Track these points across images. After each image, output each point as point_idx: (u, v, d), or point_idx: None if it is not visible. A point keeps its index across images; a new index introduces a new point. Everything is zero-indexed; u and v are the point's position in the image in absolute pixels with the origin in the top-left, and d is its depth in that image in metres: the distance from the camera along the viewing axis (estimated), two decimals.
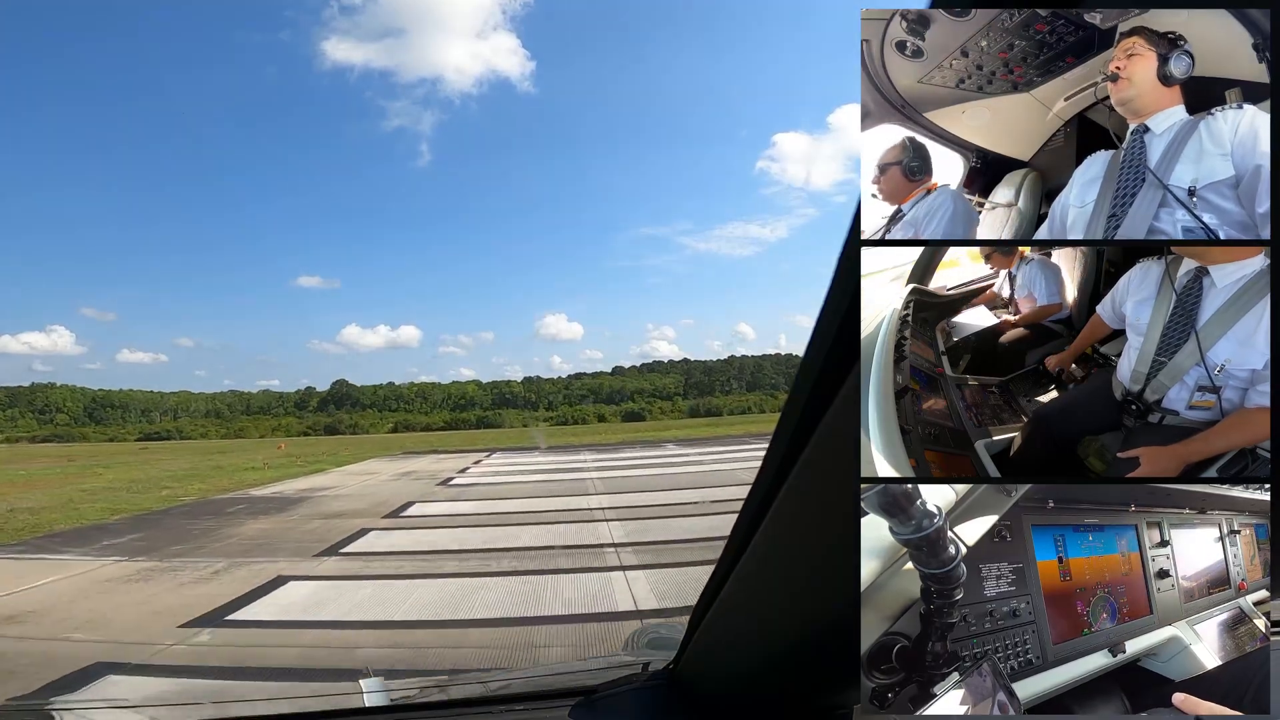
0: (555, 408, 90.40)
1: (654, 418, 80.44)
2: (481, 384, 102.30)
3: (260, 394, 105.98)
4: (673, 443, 29.99)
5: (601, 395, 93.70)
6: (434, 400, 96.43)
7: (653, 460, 21.17)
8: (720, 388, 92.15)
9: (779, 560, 0.78)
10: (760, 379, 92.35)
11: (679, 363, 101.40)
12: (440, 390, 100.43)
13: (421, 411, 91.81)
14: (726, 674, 1.04)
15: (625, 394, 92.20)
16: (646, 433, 44.16)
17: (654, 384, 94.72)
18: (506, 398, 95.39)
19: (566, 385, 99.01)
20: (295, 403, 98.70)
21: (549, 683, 1.48)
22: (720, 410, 79.61)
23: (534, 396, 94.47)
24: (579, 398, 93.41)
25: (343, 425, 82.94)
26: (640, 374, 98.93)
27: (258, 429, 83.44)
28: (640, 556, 7.83)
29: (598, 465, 20.34)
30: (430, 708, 1.41)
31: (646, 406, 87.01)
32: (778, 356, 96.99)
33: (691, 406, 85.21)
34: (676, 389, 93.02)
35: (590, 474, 17.88)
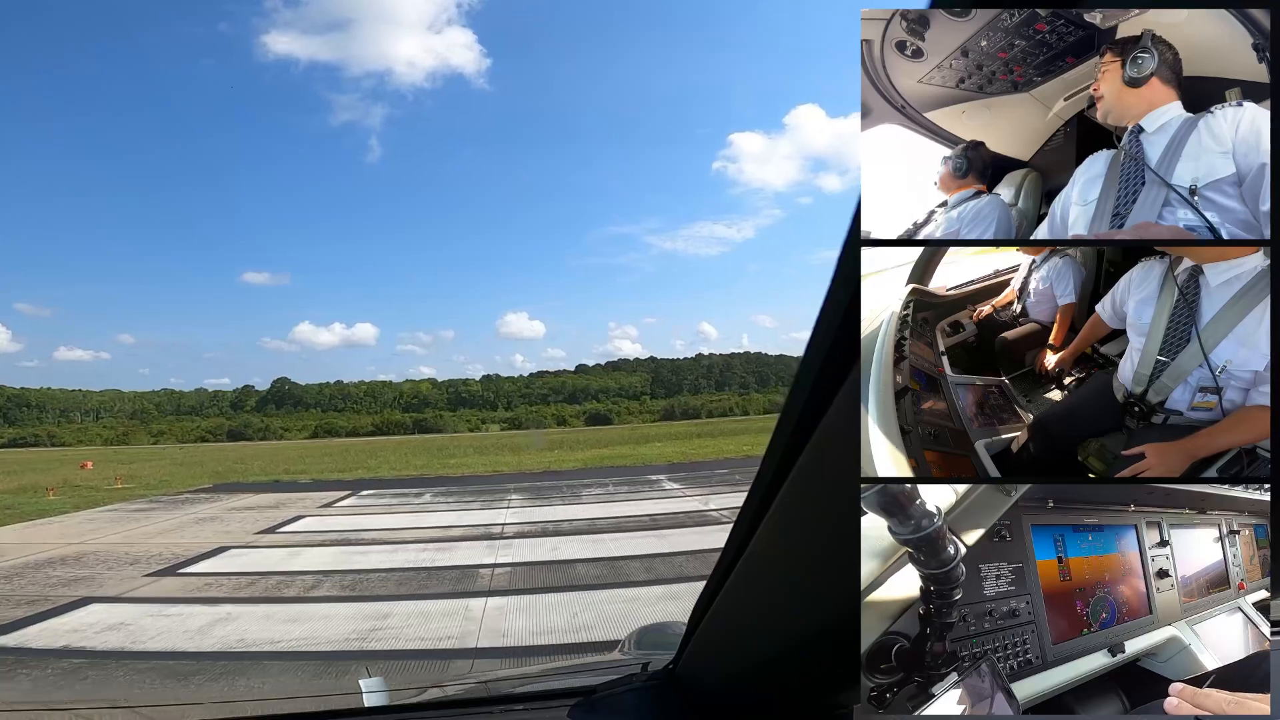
0: (515, 407, 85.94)
1: (622, 419, 74.01)
2: (437, 383, 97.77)
3: (193, 393, 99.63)
4: (666, 473, 19.10)
5: (565, 394, 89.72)
6: (384, 400, 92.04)
7: (649, 544, 9.65)
8: (689, 386, 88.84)
9: (779, 560, 0.78)
10: (729, 377, 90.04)
11: (645, 361, 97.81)
12: (392, 389, 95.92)
13: (371, 412, 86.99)
14: (726, 674, 1.04)
15: (590, 392, 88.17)
16: (619, 447, 31.37)
17: (620, 382, 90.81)
18: (464, 397, 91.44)
19: (528, 384, 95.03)
20: (231, 402, 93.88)
21: (549, 683, 1.48)
22: (698, 411, 74.43)
23: (493, 396, 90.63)
24: (541, 397, 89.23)
25: (250, 430, 76.88)
26: (605, 372, 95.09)
27: (175, 432, 77.49)
28: None
29: (524, 555, 9.53)
30: (430, 708, 1.41)
31: (613, 406, 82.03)
32: (746, 355, 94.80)
33: (665, 408, 78.80)
34: (643, 387, 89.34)
35: (500, 604, 7.18)
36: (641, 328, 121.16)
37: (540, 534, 11.02)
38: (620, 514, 12.54)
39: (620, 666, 1.35)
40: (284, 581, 8.53)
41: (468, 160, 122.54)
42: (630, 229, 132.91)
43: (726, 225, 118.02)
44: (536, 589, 7.60)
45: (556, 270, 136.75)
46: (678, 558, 8.78)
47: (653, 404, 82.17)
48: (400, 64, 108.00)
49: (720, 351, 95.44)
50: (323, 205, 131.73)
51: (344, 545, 10.84)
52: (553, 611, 6.85)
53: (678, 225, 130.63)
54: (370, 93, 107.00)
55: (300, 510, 15.43)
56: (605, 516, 12.41)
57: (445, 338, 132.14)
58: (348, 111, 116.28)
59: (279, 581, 8.55)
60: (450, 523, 12.61)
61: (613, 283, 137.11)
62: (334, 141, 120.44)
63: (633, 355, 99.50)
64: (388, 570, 8.93)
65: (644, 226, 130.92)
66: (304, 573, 8.94)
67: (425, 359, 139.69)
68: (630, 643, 1.88)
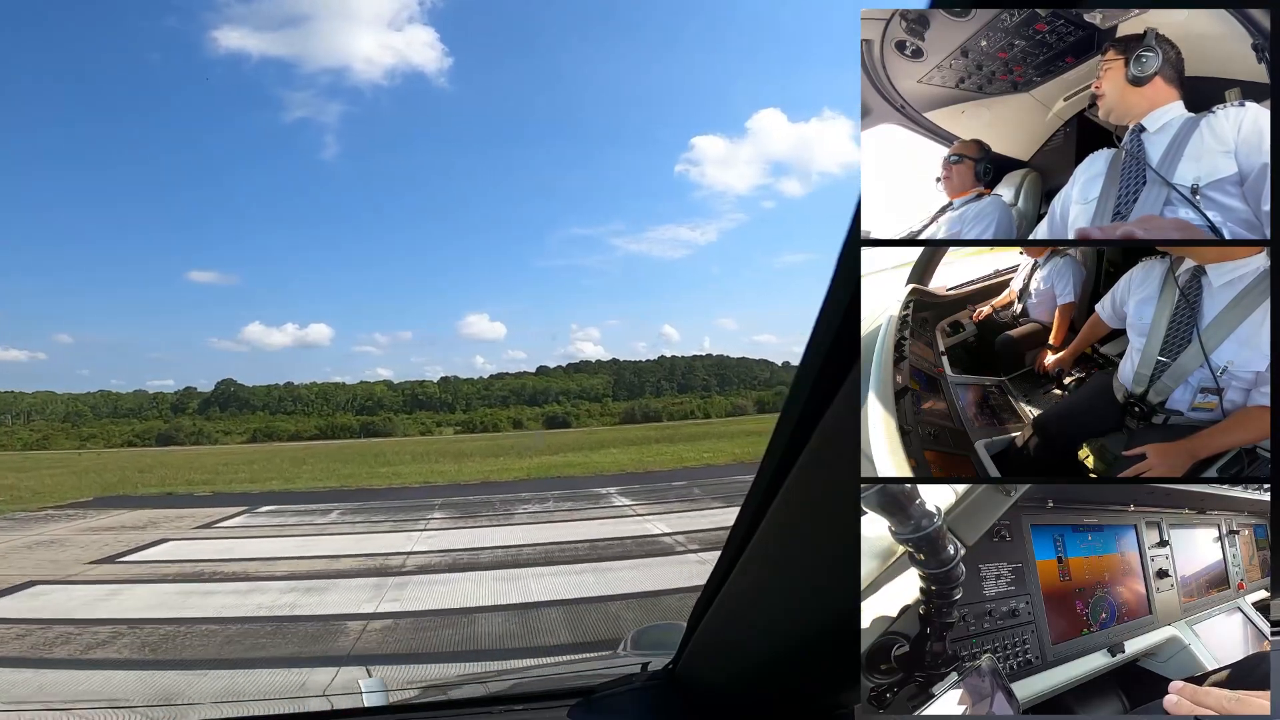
0: (473, 409, 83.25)
1: (582, 422, 71.01)
2: (393, 385, 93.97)
3: (132, 395, 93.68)
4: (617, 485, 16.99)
5: (525, 396, 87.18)
6: (337, 402, 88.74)
7: (581, 584, 7.88)
8: (651, 388, 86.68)
9: (779, 560, 0.78)
10: (691, 380, 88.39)
11: (608, 363, 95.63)
12: (345, 391, 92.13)
13: (323, 415, 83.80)
14: (726, 674, 1.04)
15: (551, 395, 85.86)
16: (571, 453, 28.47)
17: (581, 384, 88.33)
18: (420, 399, 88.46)
19: (487, 386, 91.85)
20: (172, 404, 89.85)
21: (548, 683, 1.48)
22: (660, 414, 71.42)
23: (450, 398, 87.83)
24: (500, 399, 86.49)
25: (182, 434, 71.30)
26: (566, 374, 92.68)
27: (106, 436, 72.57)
28: None
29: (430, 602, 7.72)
30: (430, 708, 1.41)
31: (573, 409, 79.05)
32: (708, 357, 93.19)
33: (626, 410, 75.45)
34: (605, 390, 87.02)
35: None
36: (604, 329, 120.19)
37: (448, 567, 9.02)
38: (554, 539, 10.44)
39: (620, 667, 1.35)
40: (69, 634, 6.50)
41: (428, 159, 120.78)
42: (594, 230, 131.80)
43: (690, 228, 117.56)
44: (412, 655, 5.89)
45: (519, 271, 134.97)
46: (613, 604, 6.80)
47: (614, 406, 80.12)
48: (358, 61, 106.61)
49: (682, 354, 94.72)
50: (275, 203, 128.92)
51: (190, 582, 8.76)
52: None
53: (642, 228, 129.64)
54: (326, 89, 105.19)
55: (170, 532, 12.90)
56: (534, 543, 10.25)
57: (403, 339, 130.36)
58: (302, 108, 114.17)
59: (62, 635, 6.49)
60: (343, 550, 10.38)
61: (575, 284, 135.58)
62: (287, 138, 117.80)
63: (595, 357, 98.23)
64: (223, 621, 6.94)
65: (608, 228, 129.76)
66: (107, 621, 6.91)
67: (382, 360, 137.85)
68: (630, 643, 1.88)
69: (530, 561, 9.13)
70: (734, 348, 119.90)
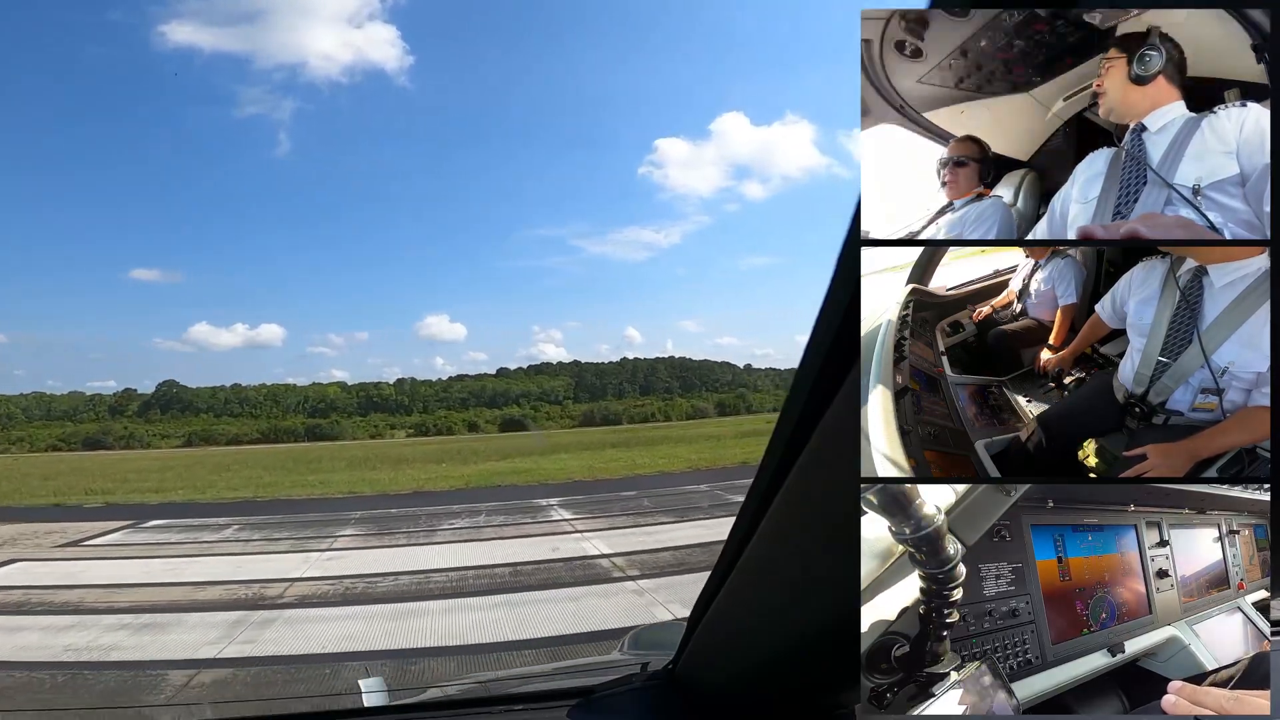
0: (431, 411, 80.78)
1: (541, 424, 69.00)
2: (347, 386, 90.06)
3: (68, 396, 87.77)
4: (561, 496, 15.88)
5: (484, 398, 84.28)
6: (287, 404, 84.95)
7: (488, 623, 6.60)
8: (613, 390, 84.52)
9: (778, 560, 0.78)
10: (654, 382, 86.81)
11: (569, 364, 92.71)
12: (296, 393, 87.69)
13: (271, 417, 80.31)
14: (726, 674, 1.04)
15: (511, 396, 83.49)
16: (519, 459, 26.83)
17: (542, 386, 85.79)
18: (376, 402, 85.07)
19: (445, 387, 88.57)
20: (110, 406, 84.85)
21: (548, 683, 1.48)
22: (620, 417, 70.27)
23: (407, 400, 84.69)
24: (459, 401, 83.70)
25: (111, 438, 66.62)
26: (527, 376, 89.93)
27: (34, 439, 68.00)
28: None
29: None
30: (430, 708, 1.41)
31: (531, 412, 76.80)
32: (670, 360, 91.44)
33: (585, 413, 74.14)
34: (567, 392, 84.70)
35: None
36: (566, 331, 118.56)
37: (336, 599, 7.69)
38: (473, 562, 9.13)
39: (619, 667, 1.35)
40: None
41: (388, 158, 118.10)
42: (557, 232, 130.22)
43: (654, 230, 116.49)
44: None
45: (480, 272, 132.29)
46: (525, 653, 5.61)
47: (575, 408, 78.86)
48: (315, 57, 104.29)
49: (645, 356, 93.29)
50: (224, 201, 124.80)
51: (6, 614, 7.42)
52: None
53: (606, 229, 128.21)
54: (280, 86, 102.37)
55: (28, 550, 11.34)
56: (448, 567, 8.88)
57: (360, 340, 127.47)
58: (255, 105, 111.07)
59: None
60: (215, 575, 8.98)
61: (538, 285, 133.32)
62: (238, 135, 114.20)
63: (556, 359, 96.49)
64: (4, 667, 5.65)
65: (571, 230, 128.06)
66: None
67: (337, 361, 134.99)
68: (629, 643, 1.89)
69: (437, 591, 7.85)
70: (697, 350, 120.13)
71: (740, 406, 72.11)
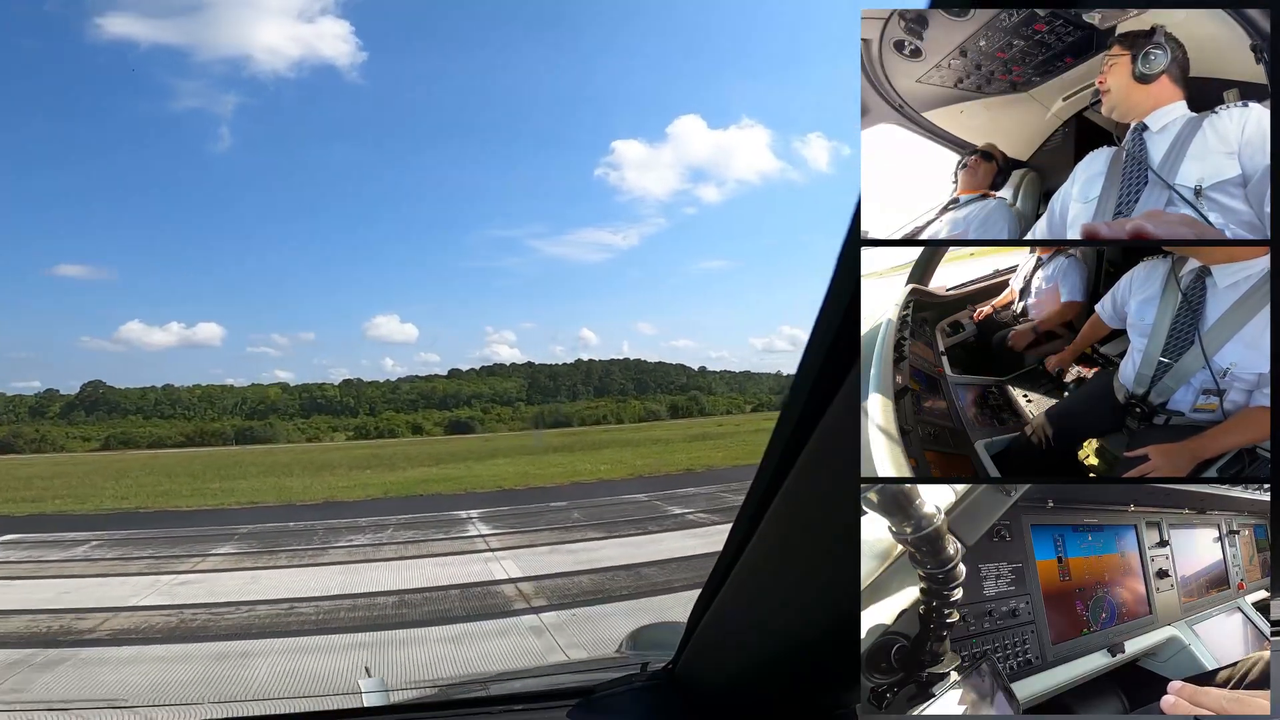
0: (379, 413, 78.87)
1: (490, 427, 67.36)
2: (289, 388, 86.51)
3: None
4: (484, 507, 14.43)
5: (434, 400, 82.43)
6: (223, 406, 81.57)
7: (348, 662, 5.49)
8: (567, 392, 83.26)
9: (778, 560, 0.78)
10: (609, 384, 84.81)
11: (523, 366, 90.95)
12: (234, 394, 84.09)
13: (208, 418, 77.25)
14: (726, 674, 1.04)
15: (462, 398, 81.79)
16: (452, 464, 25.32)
17: (494, 388, 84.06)
18: (319, 403, 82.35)
19: (393, 389, 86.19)
20: (31, 407, 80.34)
21: (548, 683, 1.48)
22: (570, 419, 68.99)
23: (353, 401, 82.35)
24: (408, 403, 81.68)
25: (22, 441, 62.26)
26: (479, 377, 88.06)
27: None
28: None
29: None
30: (429, 708, 1.41)
31: (481, 414, 75.15)
32: (626, 361, 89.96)
33: (536, 415, 72.04)
34: (520, 393, 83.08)
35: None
36: (520, 332, 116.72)
37: (158, 634, 6.57)
38: (355, 588, 8.14)
39: (620, 667, 1.35)
40: None
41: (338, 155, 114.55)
42: (513, 232, 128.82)
43: (612, 232, 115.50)
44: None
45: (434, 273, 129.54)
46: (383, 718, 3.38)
47: (526, 410, 76.91)
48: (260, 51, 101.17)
49: (600, 358, 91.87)
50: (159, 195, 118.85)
51: None
52: None
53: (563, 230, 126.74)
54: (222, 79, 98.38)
55: None
56: (321, 596, 7.75)
57: (305, 340, 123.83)
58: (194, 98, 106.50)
59: None
60: (27, 602, 7.70)
61: (492, 286, 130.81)
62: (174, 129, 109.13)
63: (510, 360, 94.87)
64: None
65: (528, 230, 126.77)
66: None
67: (281, 362, 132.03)
68: (629, 643, 1.88)
69: (294, 626, 6.61)
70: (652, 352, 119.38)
71: (693, 409, 71.69)
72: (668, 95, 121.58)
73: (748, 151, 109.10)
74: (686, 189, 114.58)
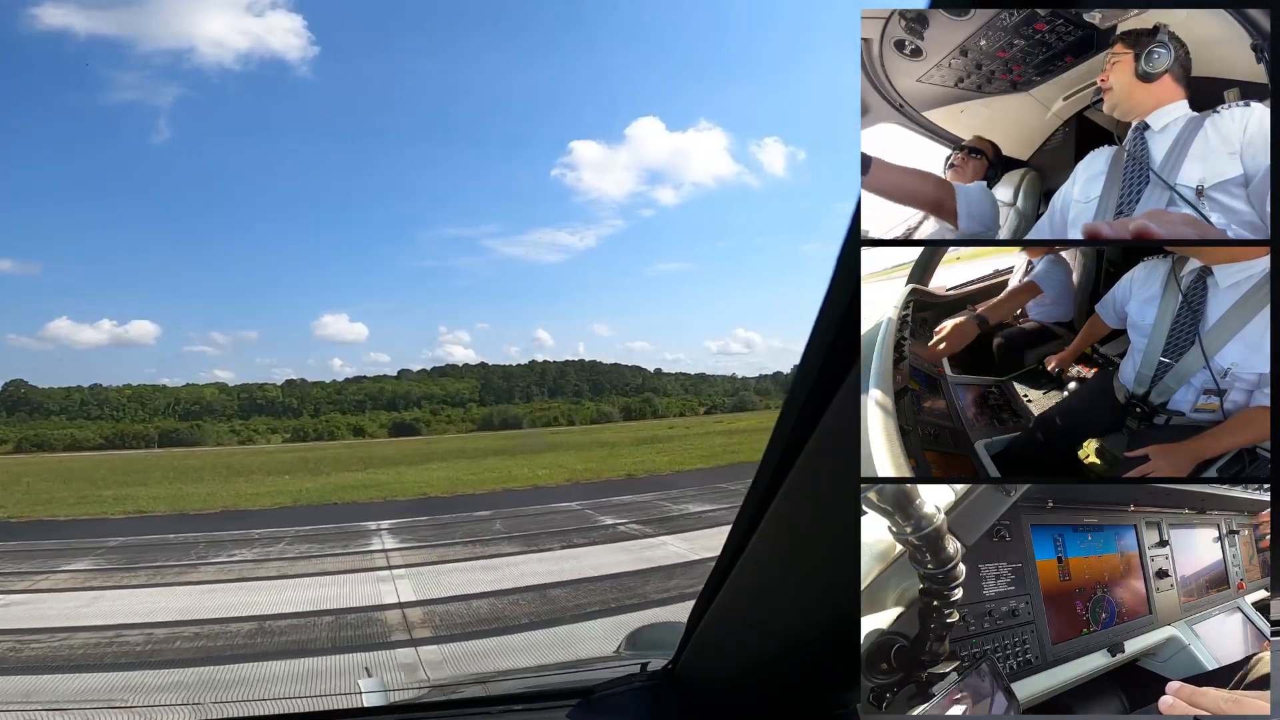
0: (321, 414, 76.63)
1: (437, 429, 65.68)
2: (228, 388, 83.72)
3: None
4: (398, 518, 13.76)
5: (383, 401, 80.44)
6: (155, 407, 78.23)
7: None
8: (520, 394, 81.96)
9: (778, 560, 0.78)
10: (563, 385, 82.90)
11: (475, 367, 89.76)
12: (167, 394, 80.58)
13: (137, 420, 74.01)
14: (726, 674, 1.04)
15: (413, 399, 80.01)
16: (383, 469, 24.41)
17: (446, 389, 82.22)
18: (260, 404, 79.63)
19: (340, 390, 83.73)
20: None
21: (547, 683, 1.48)
22: (520, 421, 68.23)
23: (296, 402, 79.76)
24: (355, 404, 79.60)
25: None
26: (431, 378, 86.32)
27: None
28: None
29: None
30: (430, 708, 1.41)
31: (429, 416, 73.56)
32: (581, 363, 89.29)
33: (484, 416, 70.99)
34: (472, 394, 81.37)
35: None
36: (474, 333, 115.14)
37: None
38: (211, 612, 7.25)
39: (619, 666, 1.35)
40: None
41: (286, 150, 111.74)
42: (468, 232, 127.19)
43: (569, 233, 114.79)
44: None
45: (386, 272, 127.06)
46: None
47: (478, 411, 75.69)
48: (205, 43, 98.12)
49: (555, 359, 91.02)
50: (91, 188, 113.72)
51: None
52: None
53: (520, 230, 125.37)
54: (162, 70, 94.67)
55: None
56: (159, 621, 6.90)
57: (247, 339, 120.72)
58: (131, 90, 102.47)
59: None
60: None
61: (445, 286, 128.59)
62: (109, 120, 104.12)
63: (463, 361, 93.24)
64: None
65: (483, 230, 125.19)
66: None
67: (221, 361, 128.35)
68: (628, 643, 1.88)
69: (111, 659, 5.79)
70: (608, 353, 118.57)
71: (646, 411, 70.88)
72: (628, 96, 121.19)
73: (705, 155, 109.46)
74: (643, 191, 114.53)
